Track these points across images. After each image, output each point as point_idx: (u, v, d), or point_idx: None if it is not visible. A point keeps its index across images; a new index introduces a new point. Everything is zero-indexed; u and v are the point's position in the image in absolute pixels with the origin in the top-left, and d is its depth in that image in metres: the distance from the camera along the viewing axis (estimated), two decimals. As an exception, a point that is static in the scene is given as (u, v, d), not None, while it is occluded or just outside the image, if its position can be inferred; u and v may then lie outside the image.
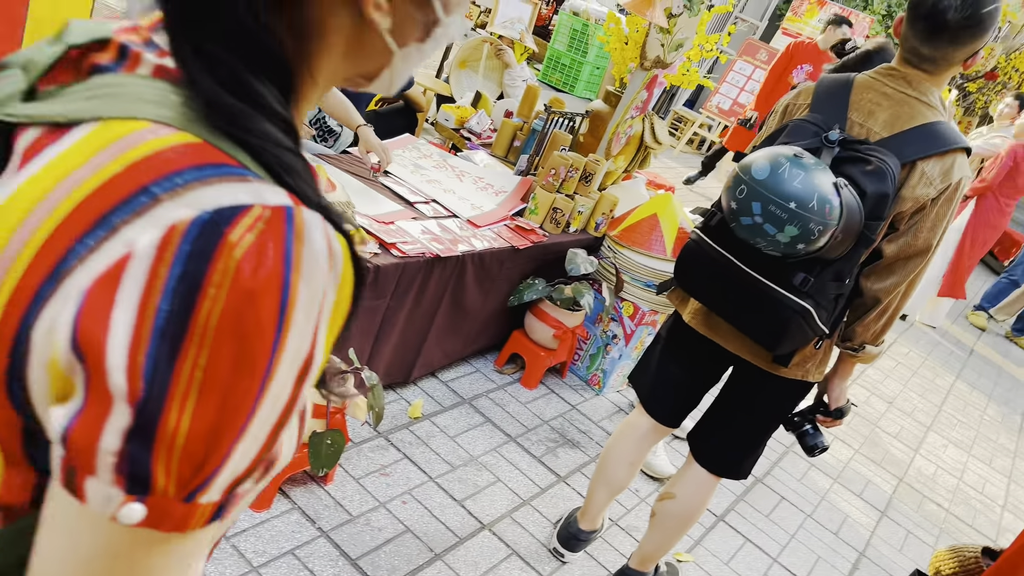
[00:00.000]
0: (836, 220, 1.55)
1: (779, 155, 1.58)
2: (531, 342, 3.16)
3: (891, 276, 1.77)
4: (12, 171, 0.50)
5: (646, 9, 2.87)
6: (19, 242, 0.46)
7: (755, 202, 1.57)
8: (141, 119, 0.47)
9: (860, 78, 1.80)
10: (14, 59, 0.53)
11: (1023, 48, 8.58)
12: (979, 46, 1.66)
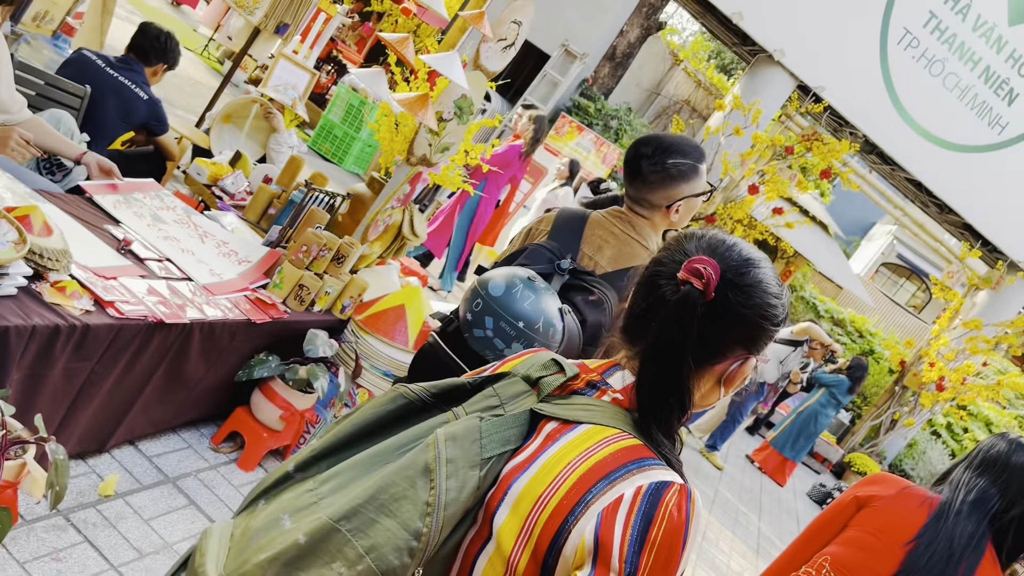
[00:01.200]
0: (558, 343, 1.68)
1: (515, 276, 1.69)
2: (255, 421, 2.99)
3: None
4: (536, 444, 0.99)
5: (419, 110, 2.97)
6: (553, 489, 0.93)
7: (488, 317, 1.65)
8: (614, 427, 0.99)
9: (594, 215, 1.98)
10: (515, 371, 1.09)
11: (739, 199, 10.01)
12: (676, 194, 1.92)
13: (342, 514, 0.87)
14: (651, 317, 1.05)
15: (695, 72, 12.31)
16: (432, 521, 0.87)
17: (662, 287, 1.06)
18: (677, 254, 1.08)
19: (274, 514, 0.93)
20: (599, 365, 1.10)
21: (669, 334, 1.01)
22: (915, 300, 25.06)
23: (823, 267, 12.38)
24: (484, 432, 0.96)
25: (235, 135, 4.44)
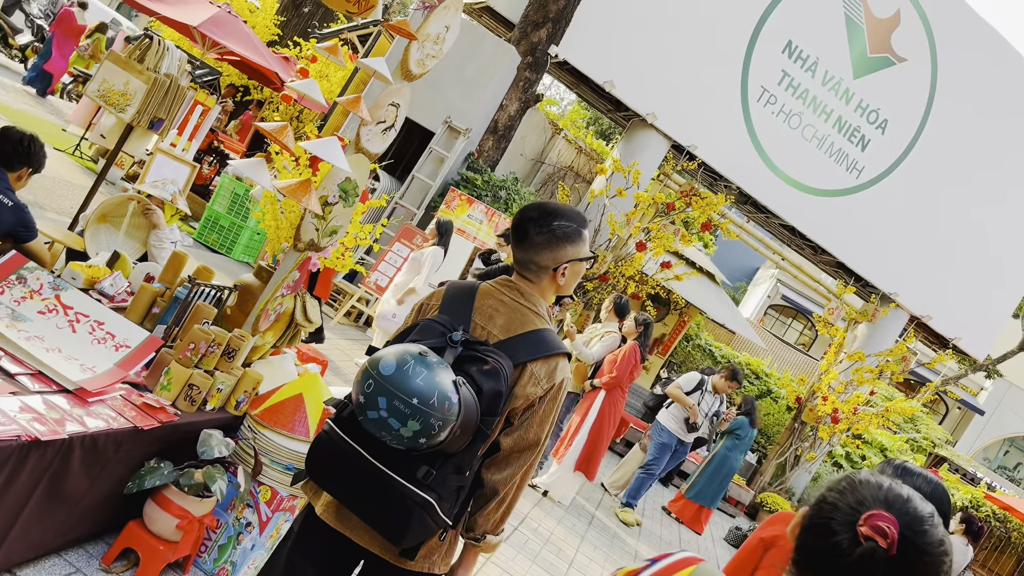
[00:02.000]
0: (455, 416, 1.67)
1: (406, 353, 1.69)
2: (149, 534, 2.80)
3: (508, 467, 1.92)
4: None
5: (302, 196, 2.96)
6: None
7: (381, 397, 1.64)
8: None
9: (484, 286, 2.01)
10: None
11: (628, 257, 10.34)
12: (563, 256, 1.97)
13: None
14: (828, 563, 1.10)
15: (575, 140, 12.80)
16: None
17: (838, 534, 1.11)
18: (853, 500, 1.12)
19: None
20: None
21: None
22: (803, 338, 26.28)
23: (714, 314, 12.86)
24: None
25: (112, 235, 4.28)
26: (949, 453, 16.66)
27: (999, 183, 12.57)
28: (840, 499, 1.14)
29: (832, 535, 1.11)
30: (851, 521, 1.10)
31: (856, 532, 1.08)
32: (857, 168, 12.04)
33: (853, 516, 1.10)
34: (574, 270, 2.02)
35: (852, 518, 1.10)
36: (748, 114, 11.44)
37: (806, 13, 11.39)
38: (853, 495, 1.13)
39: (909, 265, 12.28)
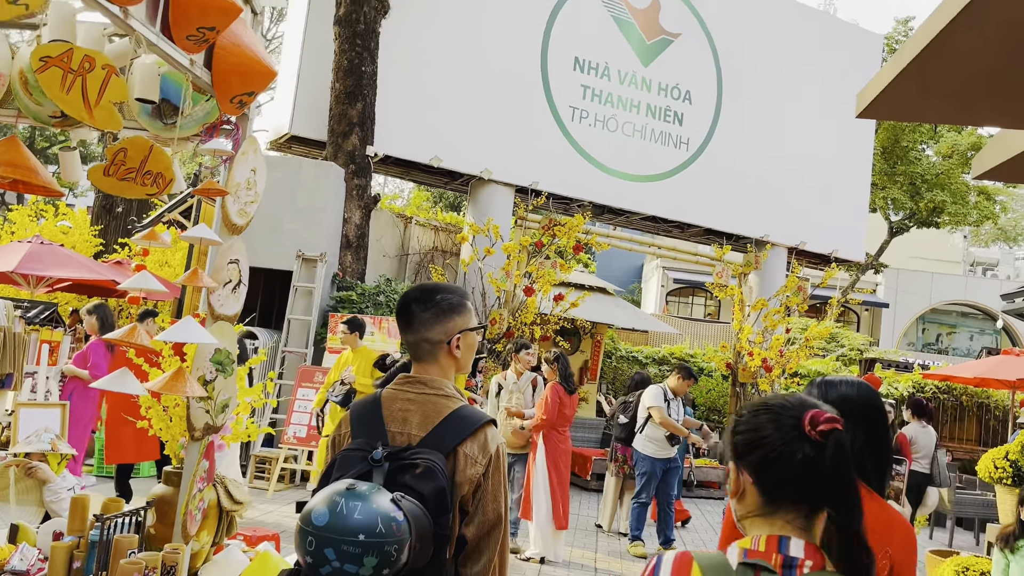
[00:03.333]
0: (407, 533, 1.61)
1: (333, 494, 1.62)
2: None
3: (482, 555, 1.87)
4: None
5: (180, 387, 2.85)
6: None
7: (327, 548, 1.56)
8: None
9: (386, 392, 1.98)
10: None
11: (522, 306, 10.47)
12: (453, 327, 1.98)
13: None
14: (810, 476, 1.24)
15: (428, 222, 12.96)
16: None
17: (792, 445, 1.25)
18: (786, 417, 1.29)
19: None
20: (762, 547, 1.24)
21: (842, 476, 1.22)
22: (709, 309, 27.16)
23: (621, 323, 13.13)
24: None
25: (3, 509, 3.98)
26: (876, 353, 17.48)
27: (808, 113, 13.57)
28: (774, 428, 1.30)
29: (794, 455, 1.27)
30: (799, 436, 1.25)
31: (807, 435, 1.25)
32: (683, 141, 12.73)
33: (795, 431, 1.25)
34: (467, 342, 2.03)
35: (796, 434, 1.25)
36: (569, 135, 11.94)
37: (578, 30, 12.09)
38: (785, 415, 1.31)
39: (765, 206, 12.99)
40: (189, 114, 3.15)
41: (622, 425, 8.29)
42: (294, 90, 11.12)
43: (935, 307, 28.16)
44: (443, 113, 11.17)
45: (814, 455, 1.27)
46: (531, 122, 11.69)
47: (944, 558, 5.67)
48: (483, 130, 11.38)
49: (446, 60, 11.23)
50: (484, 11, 11.52)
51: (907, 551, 1.88)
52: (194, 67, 2.89)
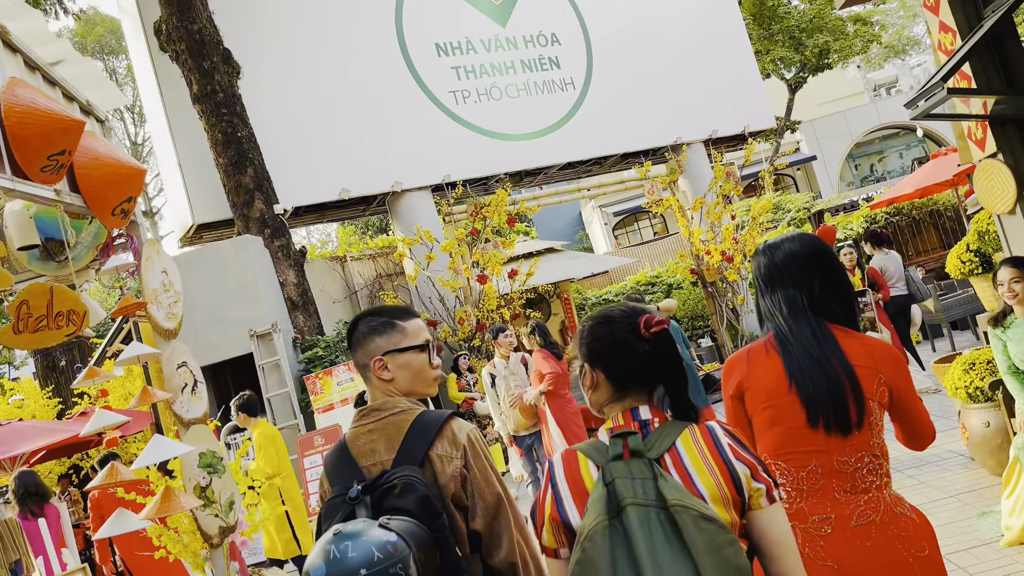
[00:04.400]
0: (407, 550, 1.61)
1: (324, 544, 1.63)
2: None
3: (502, 540, 1.86)
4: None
5: (175, 505, 2.80)
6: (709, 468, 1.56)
7: None
8: (685, 428, 1.63)
9: (349, 433, 1.99)
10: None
11: (482, 296, 10.46)
12: (375, 350, 1.98)
13: None
14: (644, 369, 1.66)
15: (362, 253, 12.84)
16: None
17: (633, 344, 1.66)
18: (626, 323, 1.68)
19: None
20: (621, 421, 1.65)
21: (670, 361, 1.68)
22: (656, 228, 27.40)
23: (580, 273, 13.21)
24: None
25: None
26: (822, 204, 17.83)
27: (669, 6, 13.69)
28: (619, 335, 1.68)
29: (634, 350, 1.66)
30: (636, 336, 1.66)
31: (643, 336, 1.66)
32: (567, 83, 12.76)
33: (633, 332, 1.66)
34: (401, 362, 2.00)
35: (634, 336, 1.66)
36: (459, 118, 11.90)
37: (426, 18, 12.01)
38: (625, 321, 1.69)
39: (666, 111, 13.11)
40: (77, 243, 3.06)
41: None
42: (182, 182, 10.89)
43: (858, 142, 28.78)
44: (332, 145, 11.05)
45: (650, 349, 1.65)
46: (420, 121, 11.62)
47: (949, 363, 5.83)
48: (377, 145, 11.29)
49: (316, 94, 11.09)
50: (334, 33, 11.38)
51: (898, 371, 1.93)
52: (62, 196, 2.80)
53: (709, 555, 1.38)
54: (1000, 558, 3.82)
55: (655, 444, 1.57)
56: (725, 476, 1.53)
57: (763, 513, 1.54)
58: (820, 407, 1.85)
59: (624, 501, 1.47)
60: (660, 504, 1.45)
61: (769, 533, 1.53)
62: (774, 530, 1.53)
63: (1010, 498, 3.93)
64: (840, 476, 1.84)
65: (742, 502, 1.54)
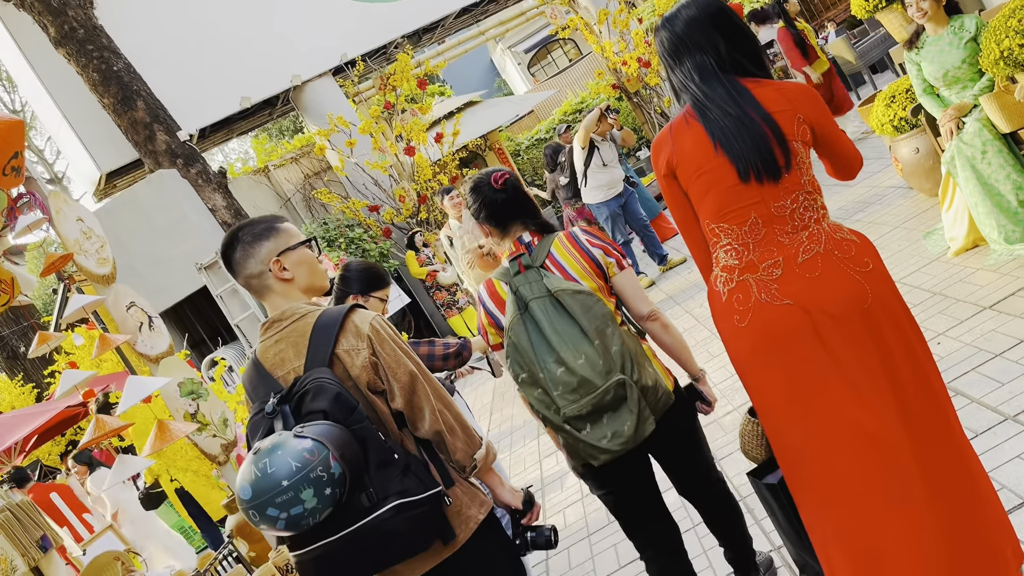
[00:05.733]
0: (325, 451, 1.68)
1: (246, 466, 1.70)
2: None
3: (424, 413, 1.92)
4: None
5: (169, 436, 2.83)
6: (579, 262, 2.33)
7: (269, 510, 1.64)
8: (556, 238, 2.42)
9: (258, 348, 2.02)
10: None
11: (412, 168, 10.28)
12: (268, 254, 1.98)
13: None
14: (508, 210, 2.38)
15: (282, 159, 12.44)
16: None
17: (495, 196, 2.37)
18: (486, 184, 2.40)
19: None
20: (513, 248, 2.37)
21: (523, 197, 2.42)
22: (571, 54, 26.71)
23: (506, 119, 13.00)
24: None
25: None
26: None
27: None
28: (480, 190, 2.40)
29: (492, 201, 2.38)
30: (491, 187, 2.38)
31: (497, 188, 2.37)
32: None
33: (490, 186, 2.39)
34: (295, 260, 2.01)
35: (491, 186, 2.38)
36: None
37: None
38: (485, 181, 2.41)
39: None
40: (-23, 213, 2.93)
41: (565, 186, 8.26)
42: (75, 136, 10.32)
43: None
44: (220, 55, 10.45)
45: (506, 195, 2.37)
46: (304, 7, 10.97)
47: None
48: (266, 45, 10.69)
49: (184, 4, 10.35)
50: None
51: (815, 107, 1.95)
52: (-57, 169, 2.65)
53: (583, 313, 2.13)
54: (950, 267, 4.05)
55: (537, 256, 2.28)
56: (587, 260, 2.25)
57: (617, 277, 2.29)
58: (748, 161, 1.89)
59: (527, 299, 2.19)
60: (548, 293, 2.17)
61: (624, 288, 2.29)
62: (627, 286, 2.30)
63: (949, 210, 4.12)
64: (780, 220, 1.90)
65: (603, 274, 2.26)
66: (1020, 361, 2.94)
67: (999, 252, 3.80)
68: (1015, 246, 3.73)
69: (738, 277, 1.93)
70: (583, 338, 2.11)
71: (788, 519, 2.06)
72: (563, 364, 2.11)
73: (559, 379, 2.11)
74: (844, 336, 1.84)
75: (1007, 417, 2.69)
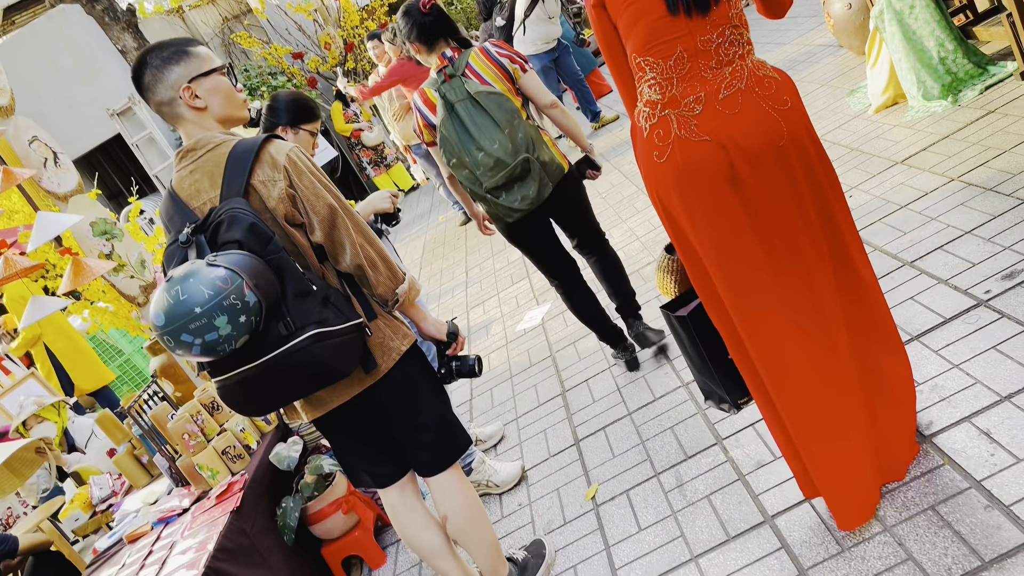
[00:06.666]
0: (238, 279, 1.67)
1: (159, 293, 1.70)
2: (341, 540, 2.96)
3: (344, 247, 1.92)
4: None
5: (86, 274, 2.77)
6: (491, 68, 2.93)
7: (183, 336, 1.65)
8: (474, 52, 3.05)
9: (174, 179, 1.96)
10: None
11: (341, 14, 9.72)
12: (178, 80, 1.89)
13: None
14: (435, 30, 2.83)
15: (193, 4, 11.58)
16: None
17: (423, 19, 2.82)
18: (415, 9, 2.82)
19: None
20: (439, 63, 2.85)
21: (446, 20, 2.86)
22: None
23: None
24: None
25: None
26: None
27: None
28: (410, 14, 2.86)
29: (420, 24, 2.84)
30: (419, 11, 2.80)
31: (424, 12, 2.82)
32: None
33: (420, 10, 2.81)
34: (208, 87, 1.93)
35: (420, 10, 2.81)
36: None
37: None
38: (414, 7, 2.86)
39: None
40: None
41: (500, 28, 7.97)
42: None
43: None
44: None
45: (432, 17, 2.82)
46: None
47: None
48: None
49: None
50: None
51: None
52: None
53: (496, 108, 2.73)
54: (869, 124, 4.14)
55: (458, 66, 2.81)
56: (497, 67, 2.83)
57: (522, 79, 2.85)
58: None
59: (453, 101, 2.76)
60: (469, 96, 2.75)
61: (528, 87, 2.87)
62: (530, 85, 2.87)
63: (874, 67, 4.17)
64: (705, 55, 1.89)
65: (511, 77, 2.84)
66: (923, 212, 3.08)
67: (916, 109, 3.89)
68: (931, 103, 3.82)
69: (660, 112, 1.93)
70: (496, 129, 2.72)
71: (696, 350, 2.17)
72: (482, 150, 2.74)
73: (480, 161, 2.75)
74: (758, 175, 1.89)
75: (905, 263, 2.84)
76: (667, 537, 2.29)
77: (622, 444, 2.84)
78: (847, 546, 1.90)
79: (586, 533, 2.50)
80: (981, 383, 2.13)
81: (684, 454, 2.58)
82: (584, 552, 2.42)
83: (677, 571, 2.15)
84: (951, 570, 1.69)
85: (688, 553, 2.18)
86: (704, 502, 2.33)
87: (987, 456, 1.91)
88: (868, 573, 1.80)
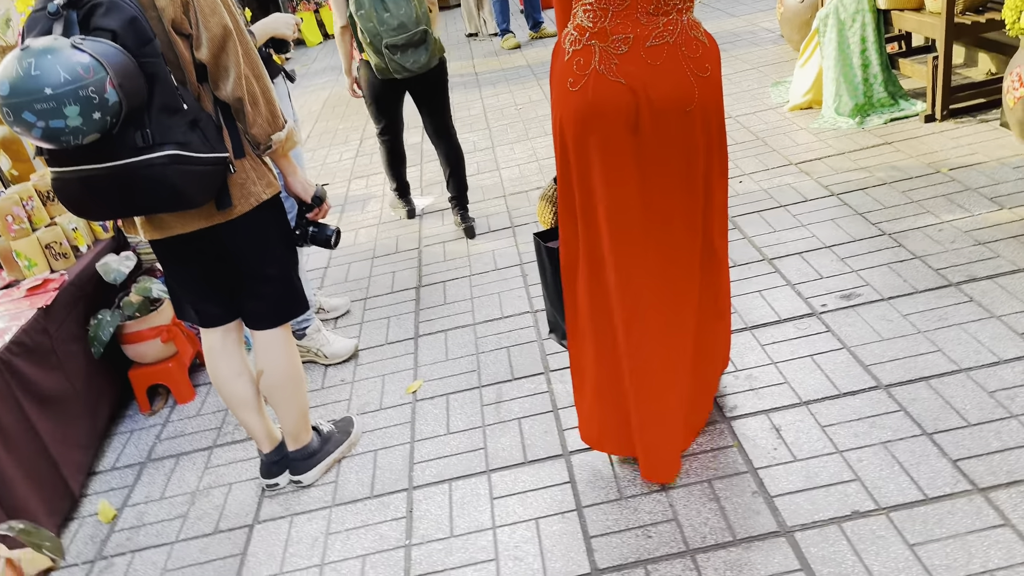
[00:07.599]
0: (102, 71, 1.54)
1: (10, 59, 1.53)
2: (152, 366, 2.88)
3: (228, 73, 1.81)
4: None
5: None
6: None
7: (24, 113, 1.52)
8: None
9: None
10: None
11: None
12: None
13: None
14: None
15: None
16: None
17: None
18: None
19: None
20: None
21: None
22: None
23: None
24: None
25: None
26: None
27: None
28: None
29: None
30: None
31: None
32: None
33: None
34: None
35: None
36: None
37: None
38: None
39: None
40: None
41: None
42: None
43: None
44: None
45: None
46: None
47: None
48: None
49: None
50: None
51: None
52: None
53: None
54: (781, 119, 4.26)
55: None
56: None
57: None
58: None
59: None
60: None
61: None
62: None
63: (804, 67, 4.26)
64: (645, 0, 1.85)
65: None
66: (797, 216, 3.23)
67: (826, 119, 4.02)
68: (840, 118, 3.97)
69: (586, 40, 1.89)
70: (406, 1, 3.20)
71: (555, 282, 2.21)
72: (389, 11, 3.18)
73: (385, 20, 3.18)
74: (658, 130, 1.90)
75: (765, 258, 2.99)
76: (470, 446, 2.36)
77: (458, 351, 2.88)
78: (625, 495, 2.03)
79: (397, 423, 2.54)
80: (789, 384, 2.30)
81: (511, 375, 2.66)
82: (389, 440, 2.47)
83: (469, 479, 2.23)
84: (705, 538, 1.85)
85: (484, 465, 2.27)
86: (514, 423, 2.41)
87: (771, 449, 2.07)
88: (635, 523, 1.94)
